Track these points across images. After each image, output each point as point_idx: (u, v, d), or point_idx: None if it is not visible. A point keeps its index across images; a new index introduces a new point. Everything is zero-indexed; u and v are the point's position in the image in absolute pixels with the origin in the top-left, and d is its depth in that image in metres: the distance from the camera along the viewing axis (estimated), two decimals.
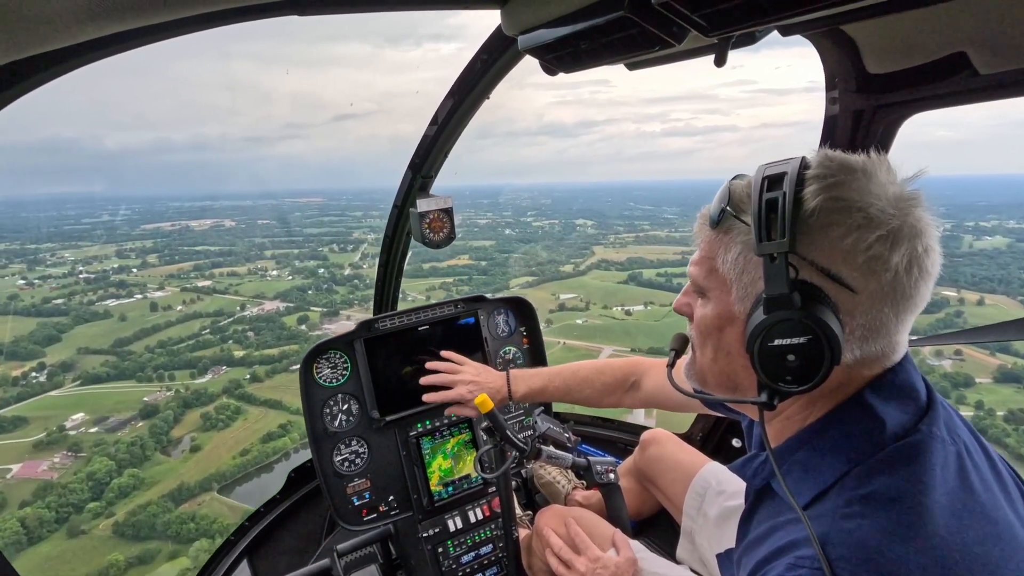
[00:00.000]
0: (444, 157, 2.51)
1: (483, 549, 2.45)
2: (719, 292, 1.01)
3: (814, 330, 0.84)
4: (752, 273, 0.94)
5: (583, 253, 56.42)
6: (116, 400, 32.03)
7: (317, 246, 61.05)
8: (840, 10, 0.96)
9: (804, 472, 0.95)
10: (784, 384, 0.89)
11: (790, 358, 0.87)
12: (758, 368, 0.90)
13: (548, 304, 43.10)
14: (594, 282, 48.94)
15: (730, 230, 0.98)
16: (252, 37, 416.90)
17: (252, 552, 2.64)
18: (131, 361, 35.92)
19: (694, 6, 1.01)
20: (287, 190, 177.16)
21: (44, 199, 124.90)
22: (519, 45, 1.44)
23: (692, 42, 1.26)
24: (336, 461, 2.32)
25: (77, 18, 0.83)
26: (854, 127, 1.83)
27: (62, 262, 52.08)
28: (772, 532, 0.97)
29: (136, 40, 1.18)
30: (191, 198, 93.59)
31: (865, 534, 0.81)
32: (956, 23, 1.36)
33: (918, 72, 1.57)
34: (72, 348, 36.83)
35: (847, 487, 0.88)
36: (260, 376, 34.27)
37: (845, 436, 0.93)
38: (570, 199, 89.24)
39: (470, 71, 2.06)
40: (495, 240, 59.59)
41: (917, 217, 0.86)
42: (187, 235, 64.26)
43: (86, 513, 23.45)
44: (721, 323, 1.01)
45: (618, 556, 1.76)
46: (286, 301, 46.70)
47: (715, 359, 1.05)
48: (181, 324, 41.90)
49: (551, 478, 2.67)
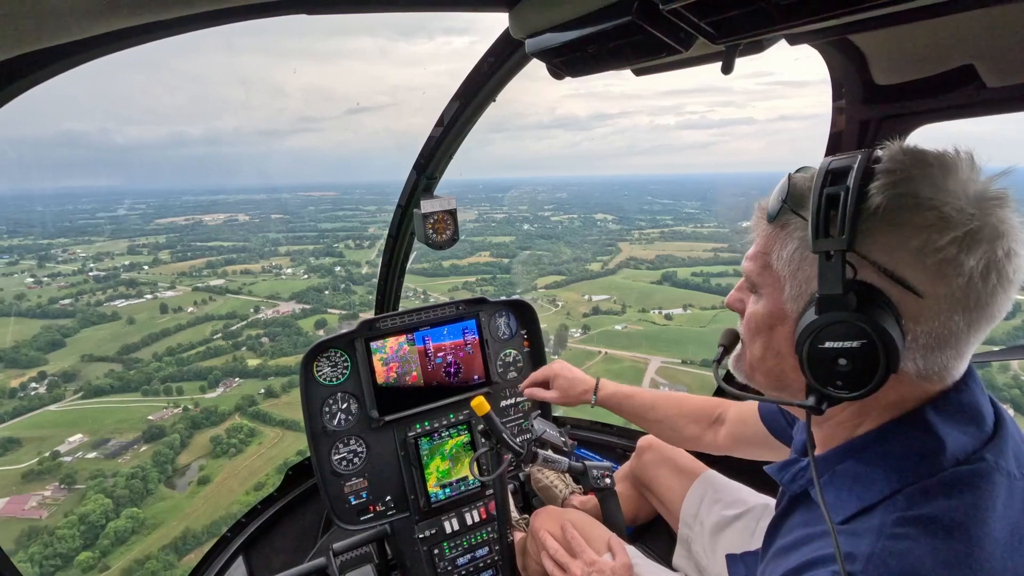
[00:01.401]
0: (449, 159, 2.51)
1: (479, 552, 2.45)
2: (772, 289, 0.97)
3: (869, 334, 0.79)
4: (807, 271, 0.90)
5: (609, 250, 53.28)
6: (119, 418, 29.17)
7: (332, 242, 59.01)
8: (848, 20, 0.96)
9: (850, 484, 0.90)
10: (834, 389, 0.84)
11: (841, 362, 0.82)
12: (807, 371, 0.86)
13: (580, 307, 40.64)
14: (625, 282, 45.84)
15: (787, 225, 0.93)
16: (265, 31, 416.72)
17: (248, 549, 2.63)
18: (137, 370, 33.47)
19: (702, 13, 1.01)
20: (300, 184, 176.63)
21: (63, 192, 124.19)
22: (526, 48, 1.44)
23: (699, 49, 1.26)
24: (334, 460, 2.32)
25: (89, 13, 0.84)
26: (860, 137, 1.82)
27: (73, 259, 50.90)
28: (806, 542, 0.93)
29: (147, 35, 1.18)
30: (205, 192, 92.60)
31: (915, 560, 0.76)
32: (964, 36, 1.36)
33: (925, 84, 1.57)
34: (76, 355, 34.62)
35: (898, 506, 0.82)
36: (276, 390, 31.61)
37: (900, 454, 0.87)
38: (585, 193, 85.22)
39: (477, 73, 2.06)
40: (514, 236, 56.81)
41: (1000, 218, 0.79)
42: (200, 230, 62.98)
43: (74, 569, 20.19)
44: (772, 322, 0.97)
45: (614, 560, 1.75)
46: (302, 302, 44.41)
47: (764, 358, 1.01)
48: (192, 328, 39.58)
49: (548, 482, 2.66)
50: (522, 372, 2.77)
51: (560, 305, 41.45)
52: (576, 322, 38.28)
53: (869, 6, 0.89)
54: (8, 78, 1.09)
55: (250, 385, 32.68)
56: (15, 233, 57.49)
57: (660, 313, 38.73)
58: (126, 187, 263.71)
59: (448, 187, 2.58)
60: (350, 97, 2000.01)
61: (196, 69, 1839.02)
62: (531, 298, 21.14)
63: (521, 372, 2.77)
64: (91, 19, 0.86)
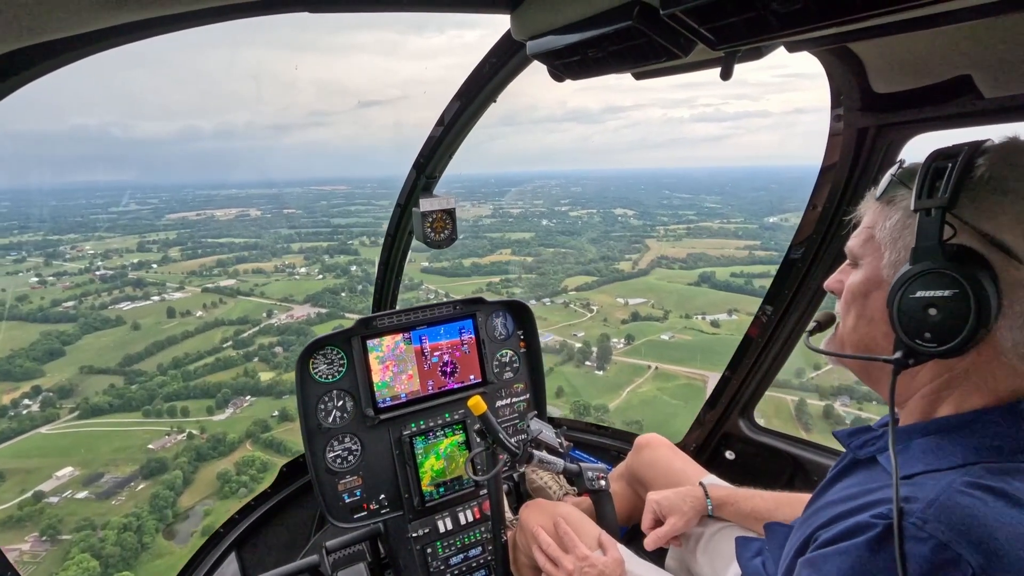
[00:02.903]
0: (449, 158, 2.52)
1: (472, 551, 2.45)
2: (872, 258, 1.00)
3: (960, 283, 0.79)
4: (908, 238, 0.91)
5: (636, 248, 49.02)
6: (116, 446, 25.37)
7: (347, 238, 54.95)
8: (847, 29, 0.97)
9: (920, 455, 0.90)
10: (921, 343, 0.84)
11: (931, 312, 0.82)
12: (896, 322, 0.87)
13: (616, 311, 36.73)
14: (661, 283, 41.85)
15: (893, 199, 0.97)
16: (275, 25, 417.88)
17: (241, 545, 2.63)
18: (139, 386, 29.74)
19: (702, 19, 1.02)
20: (311, 178, 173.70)
21: (79, 186, 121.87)
22: (528, 50, 1.45)
23: (699, 55, 1.27)
24: (329, 457, 2.32)
25: (95, 6, 0.84)
26: (858, 145, 1.84)
27: (81, 256, 48.07)
28: (863, 494, 0.94)
29: (152, 29, 1.19)
30: (216, 186, 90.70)
31: (980, 515, 0.75)
32: (962, 46, 1.37)
33: (923, 93, 1.58)
34: (75, 366, 31.18)
35: (972, 473, 0.82)
36: (291, 413, 25.75)
37: (988, 441, 0.86)
38: (600, 187, 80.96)
39: (478, 74, 2.07)
40: (534, 232, 52.93)
41: None
42: (212, 225, 60.16)
43: None
44: (868, 288, 1.00)
45: (605, 556, 1.76)
46: (317, 306, 40.49)
47: (856, 327, 1.03)
48: (201, 334, 36.00)
49: (543, 483, 2.67)
50: (518, 372, 2.77)
51: (595, 310, 37.49)
52: (616, 329, 34.44)
53: (868, 15, 0.90)
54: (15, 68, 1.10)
55: (263, 405, 29.00)
56: (26, 228, 54.79)
57: (705, 319, 34.82)
58: (139, 181, 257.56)
59: (458, 181, 2.57)
60: (361, 91, 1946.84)
61: (207, 64, 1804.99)
62: (563, 301, 19.20)
63: (517, 372, 2.77)
64: (95, 13, 0.86)
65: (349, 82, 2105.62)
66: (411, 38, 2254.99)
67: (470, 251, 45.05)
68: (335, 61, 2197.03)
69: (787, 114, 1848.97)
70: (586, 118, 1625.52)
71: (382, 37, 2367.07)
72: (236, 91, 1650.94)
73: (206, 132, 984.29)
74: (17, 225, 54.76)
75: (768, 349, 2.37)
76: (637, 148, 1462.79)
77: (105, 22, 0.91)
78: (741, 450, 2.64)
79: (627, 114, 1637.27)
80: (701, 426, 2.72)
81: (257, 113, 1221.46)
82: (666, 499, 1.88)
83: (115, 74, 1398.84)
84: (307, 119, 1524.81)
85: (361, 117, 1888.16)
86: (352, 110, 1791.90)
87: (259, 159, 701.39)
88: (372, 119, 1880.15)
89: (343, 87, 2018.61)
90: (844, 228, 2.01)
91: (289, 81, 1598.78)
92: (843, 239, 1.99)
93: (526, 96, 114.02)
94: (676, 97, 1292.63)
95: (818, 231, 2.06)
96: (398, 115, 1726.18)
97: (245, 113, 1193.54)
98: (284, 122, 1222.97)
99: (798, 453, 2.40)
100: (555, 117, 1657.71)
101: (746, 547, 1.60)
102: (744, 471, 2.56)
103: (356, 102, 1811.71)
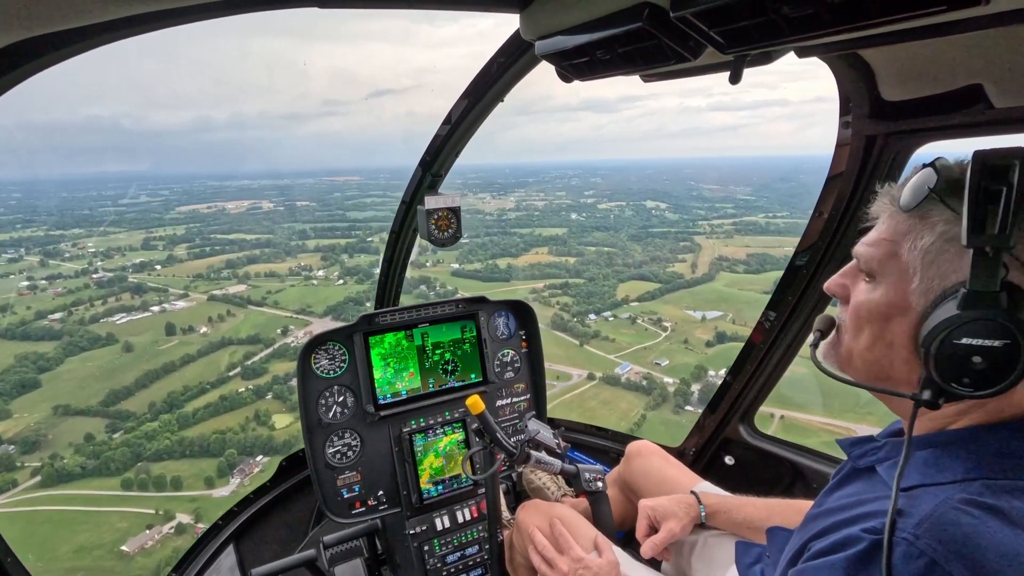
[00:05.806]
0: (455, 156, 2.52)
1: (469, 550, 2.45)
2: (895, 279, 0.92)
3: (1014, 335, 0.76)
4: (945, 266, 0.86)
5: (685, 247, 43.83)
6: (78, 544, 18.44)
7: (365, 234, 49.41)
8: (857, 35, 0.96)
9: (921, 467, 0.90)
10: (958, 386, 0.81)
11: (976, 360, 0.79)
12: (932, 365, 0.83)
13: (694, 328, 29.97)
14: (732, 291, 35.80)
15: (927, 216, 0.89)
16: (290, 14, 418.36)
17: (238, 538, 2.64)
18: (123, 436, 23.73)
19: (712, 22, 1.01)
20: (324, 168, 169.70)
21: (90, 177, 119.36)
22: (536, 50, 1.45)
23: (708, 58, 1.26)
24: (328, 453, 2.33)
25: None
26: (866, 152, 1.83)
27: (81, 254, 43.71)
28: (858, 505, 0.94)
29: (162, 21, 1.19)
30: (228, 177, 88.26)
31: (974, 535, 0.75)
32: (973, 55, 1.37)
33: (933, 101, 1.57)
34: (50, 403, 25.01)
35: (971, 490, 0.81)
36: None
37: (993, 452, 0.86)
38: (621, 177, 77.37)
39: (486, 73, 2.07)
40: (565, 227, 49.03)
41: None
42: (222, 219, 55.90)
43: None
44: (890, 312, 0.93)
45: (600, 558, 1.76)
46: (340, 319, 33.64)
47: (871, 347, 0.97)
48: (204, 358, 30.34)
49: (540, 483, 2.66)
50: (519, 372, 2.77)
51: (669, 327, 31.02)
52: (704, 356, 27.89)
53: (878, 22, 0.89)
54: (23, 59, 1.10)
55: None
56: (31, 222, 50.54)
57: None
58: (152, 172, 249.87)
59: (474, 172, 2.55)
60: (374, 80, 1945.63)
61: (219, 53, 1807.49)
62: (628, 316, 18.28)
63: (518, 372, 2.77)
64: (104, 5, 0.87)
65: (362, 71, 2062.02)
66: (424, 27, 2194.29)
67: (502, 250, 41.55)
68: (348, 50, 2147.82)
69: (807, 103, 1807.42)
70: (602, 107, 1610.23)
71: (395, 25, 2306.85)
72: (249, 80, 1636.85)
73: (219, 122, 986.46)
74: (22, 219, 51.12)
75: (770, 355, 2.37)
76: (652, 137, 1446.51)
77: (114, 13, 0.92)
78: (741, 456, 2.63)
79: (643, 103, 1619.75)
80: (701, 431, 2.71)
81: (270, 103, 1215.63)
82: (660, 505, 1.86)
83: (128, 64, 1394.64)
84: (320, 108, 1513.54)
85: (375, 106, 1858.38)
86: (365, 99, 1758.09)
87: (270, 149, 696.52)
88: (385, 108, 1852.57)
89: (355, 76, 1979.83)
90: (850, 236, 2.00)
91: (302, 69, 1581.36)
92: (848, 246, 1.99)
93: (540, 85, 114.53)
94: (692, 86, 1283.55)
95: (823, 238, 2.05)
96: (411, 104, 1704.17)
97: (258, 103, 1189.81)
98: (297, 111, 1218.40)
99: (798, 460, 2.39)
100: (571, 106, 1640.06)
101: (746, 553, 1.59)
102: (743, 477, 2.55)
103: (370, 90, 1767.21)
